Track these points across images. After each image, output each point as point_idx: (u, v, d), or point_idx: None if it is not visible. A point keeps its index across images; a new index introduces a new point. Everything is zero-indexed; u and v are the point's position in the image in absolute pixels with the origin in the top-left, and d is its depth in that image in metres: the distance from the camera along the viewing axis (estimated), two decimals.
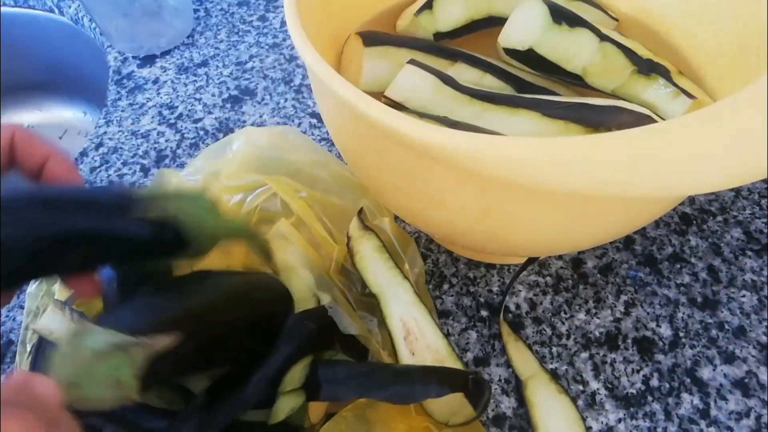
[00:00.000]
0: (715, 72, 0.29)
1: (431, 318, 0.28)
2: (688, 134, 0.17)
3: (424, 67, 0.27)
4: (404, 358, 0.27)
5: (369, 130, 0.22)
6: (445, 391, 0.24)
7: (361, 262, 0.30)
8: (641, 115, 0.26)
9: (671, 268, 0.35)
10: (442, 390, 0.24)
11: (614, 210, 0.22)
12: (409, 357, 0.27)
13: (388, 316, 0.28)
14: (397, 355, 0.28)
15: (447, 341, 0.28)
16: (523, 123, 0.26)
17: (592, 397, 0.30)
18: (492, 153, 0.17)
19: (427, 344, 0.27)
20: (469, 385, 0.24)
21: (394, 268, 0.30)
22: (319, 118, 0.45)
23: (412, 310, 0.28)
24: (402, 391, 0.24)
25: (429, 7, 0.31)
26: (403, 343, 0.28)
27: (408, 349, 0.27)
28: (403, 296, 0.29)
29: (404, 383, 0.24)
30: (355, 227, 0.31)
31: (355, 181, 0.35)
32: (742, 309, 0.33)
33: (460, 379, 0.25)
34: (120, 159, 0.45)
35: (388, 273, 0.29)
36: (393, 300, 0.29)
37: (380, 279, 0.29)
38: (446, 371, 0.25)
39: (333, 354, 0.28)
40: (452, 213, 0.24)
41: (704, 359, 0.31)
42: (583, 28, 0.28)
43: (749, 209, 0.37)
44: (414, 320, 0.28)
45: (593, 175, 0.17)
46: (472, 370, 0.26)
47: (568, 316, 0.33)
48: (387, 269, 0.29)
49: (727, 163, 0.16)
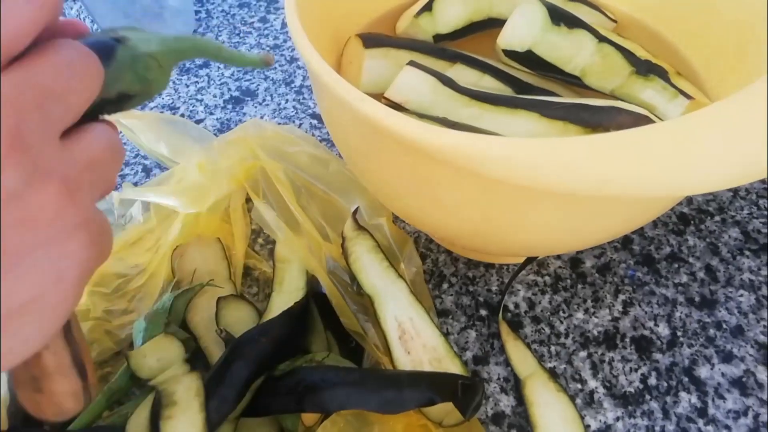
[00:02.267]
0: (713, 73, 0.29)
1: (428, 317, 0.28)
2: (687, 134, 0.17)
3: (424, 69, 0.27)
4: (399, 358, 0.27)
5: (369, 130, 0.22)
6: (434, 400, 0.24)
7: (356, 264, 0.30)
8: (639, 116, 0.26)
9: (669, 268, 0.35)
10: (430, 399, 0.24)
11: (613, 210, 0.22)
12: (405, 356, 0.27)
13: (382, 317, 0.28)
14: (392, 355, 0.27)
15: (444, 339, 0.28)
16: (522, 124, 0.26)
17: (591, 395, 0.30)
18: (491, 153, 0.17)
19: (423, 343, 0.27)
20: (458, 392, 0.24)
21: (389, 267, 0.29)
22: (320, 119, 0.46)
23: (407, 309, 0.28)
24: (390, 401, 0.24)
25: (428, 9, 0.32)
26: (398, 343, 0.27)
27: (403, 349, 0.27)
28: (398, 296, 0.28)
29: (393, 391, 0.24)
30: (349, 228, 0.31)
31: (354, 180, 0.35)
32: (740, 308, 0.33)
33: (449, 386, 0.24)
34: None
35: (383, 273, 0.29)
36: (388, 300, 0.28)
37: (375, 279, 0.29)
38: (435, 377, 0.25)
39: (324, 356, 0.28)
40: (451, 213, 0.24)
41: (702, 358, 0.31)
42: (582, 30, 0.28)
43: (747, 209, 0.38)
44: (410, 320, 0.28)
45: (592, 176, 0.17)
46: (461, 375, 0.26)
47: (567, 315, 0.33)
48: (382, 269, 0.29)
49: (725, 163, 0.16)
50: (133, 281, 0.33)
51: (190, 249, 0.34)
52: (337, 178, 0.36)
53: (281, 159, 0.37)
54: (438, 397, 0.24)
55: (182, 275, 0.33)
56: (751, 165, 0.16)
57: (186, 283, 0.33)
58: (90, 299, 0.32)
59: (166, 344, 0.27)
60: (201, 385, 0.24)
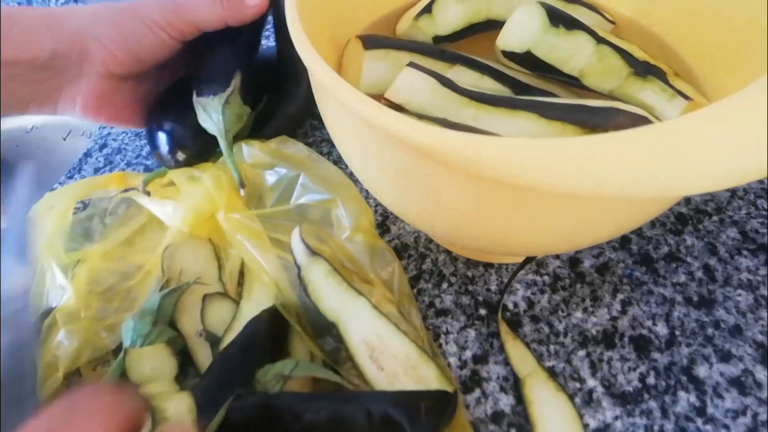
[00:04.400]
0: (711, 74, 0.29)
1: (393, 326, 0.27)
2: (685, 134, 0.17)
3: (424, 70, 0.27)
4: (373, 377, 0.26)
5: (369, 131, 0.22)
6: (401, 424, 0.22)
7: (314, 293, 0.28)
8: (638, 116, 0.26)
9: (667, 268, 0.35)
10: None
11: (611, 210, 0.22)
12: (379, 373, 0.26)
13: (348, 341, 0.27)
14: (366, 377, 0.26)
15: (415, 345, 0.27)
16: (521, 124, 0.27)
17: (589, 394, 0.30)
18: (490, 154, 0.18)
19: (393, 354, 0.26)
20: (422, 415, 0.23)
21: (348, 288, 0.28)
22: (320, 119, 0.46)
23: (372, 325, 0.27)
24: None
25: (428, 11, 0.32)
26: (369, 362, 0.26)
27: (375, 366, 0.26)
28: (360, 315, 0.27)
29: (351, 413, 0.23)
30: (301, 255, 0.29)
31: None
32: (738, 308, 0.33)
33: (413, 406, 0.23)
34: (124, 160, 0.45)
35: (342, 295, 0.28)
36: (351, 322, 0.27)
37: (335, 304, 0.28)
38: (398, 398, 0.24)
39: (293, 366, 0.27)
40: (451, 213, 0.24)
41: (700, 357, 0.31)
42: (580, 31, 0.28)
43: (745, 209, 0.38)
44: (377, 336, 0.27)
45: (590, 176, 0.17)
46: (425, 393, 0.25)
47: (566, 314, 0.33)
48: (341, 291, 0.28)
49: (723, 163, 0.16)
50: (128, 280, 0.34)
51: (180, 249, 0.34)
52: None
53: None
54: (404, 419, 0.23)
55: (172, 275, 0.33)
56: (749, 165, 0.16)
57: (175, 282, 0.33)
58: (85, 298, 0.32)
59: (164, 356, 0.27)
60: (192, 401, 0.25)
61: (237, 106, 0.35)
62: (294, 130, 0.44)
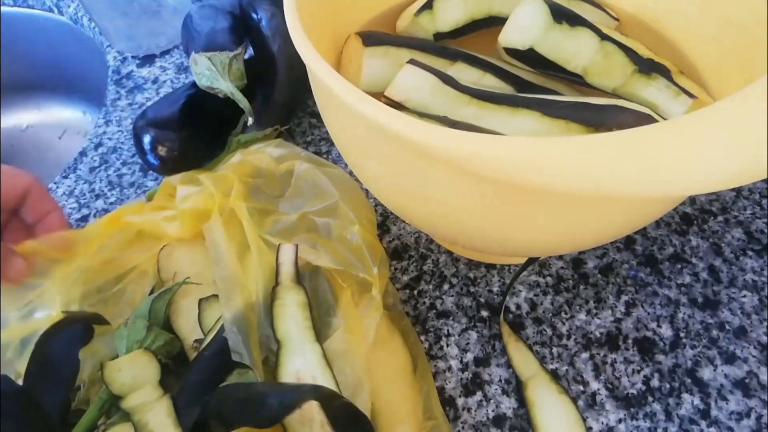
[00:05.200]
0: (716, 72, 0.29)
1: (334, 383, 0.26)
2: (689, 133, 0.16)
3: (424, 67, 0.27)
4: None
5: (369, 129, 0.22)
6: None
7: (279, 309, 0.28)
8: (642, 115, 0.26)
9: (672, 269, 0.35)
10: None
11: (615, 210, 0.22)
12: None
13: (282, 364, 0.26)
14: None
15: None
16: (524, 123, 0.26)
17: (593, 397, 0.30)
18: (492, 153, 0.17)
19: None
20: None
21: (309, 329, 0.28)
22: (319, 118, 0.45)
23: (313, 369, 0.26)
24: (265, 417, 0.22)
25: (429, 7, 0.31)
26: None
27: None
28: (308, 356, 0.27)
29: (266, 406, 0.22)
30: (286, 276, 0.29)
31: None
32: (743, 309, 0.33)
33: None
34: (119, 159, 0.45)
35: (301, 332, 0.28)
36: (295, 354, 0.27)
37: (291, 331, 0.27)
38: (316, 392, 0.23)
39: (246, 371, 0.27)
40: (452, 213, 0.23)
41: (705, 359, 0.31)
42: (584, 28, 0.28)
43: (750, 209, 0.37)
44: (312, 378, 0.26)
45: (594, 175, 0.17)
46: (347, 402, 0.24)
47: (569, 316, 0.33)
48: (302, 328, 0.28)
49: (727, 162, 0.16)
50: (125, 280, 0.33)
51: (177, 249, 0.33)
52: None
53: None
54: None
55: (167, 276, 0.33)
56: (753, 165, 0.16)
57: (170, 284, 0.32)
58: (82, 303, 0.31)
59: (145, 362, 0.26)
60: (171, 404, 0.25)
61: (238, 70, 0.40)
62: (288, 119, 0.44)
